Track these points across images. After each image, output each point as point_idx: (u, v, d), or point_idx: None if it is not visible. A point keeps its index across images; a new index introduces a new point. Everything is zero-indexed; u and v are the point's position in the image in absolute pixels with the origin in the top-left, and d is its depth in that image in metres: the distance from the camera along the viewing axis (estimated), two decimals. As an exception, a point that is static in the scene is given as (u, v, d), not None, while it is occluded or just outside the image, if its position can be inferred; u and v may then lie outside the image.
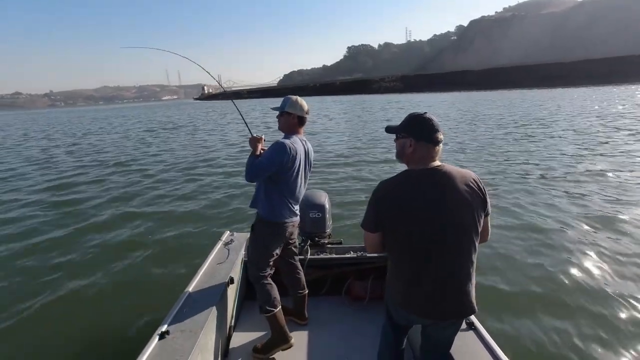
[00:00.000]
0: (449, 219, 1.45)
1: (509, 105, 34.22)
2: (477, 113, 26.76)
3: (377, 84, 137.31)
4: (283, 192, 2.30)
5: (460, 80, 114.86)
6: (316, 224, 3.05)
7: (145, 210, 6.97)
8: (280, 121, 2.36)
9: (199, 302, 2.23)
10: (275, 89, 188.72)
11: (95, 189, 8.61)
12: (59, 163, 12.66)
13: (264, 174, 2.22)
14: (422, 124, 1.54)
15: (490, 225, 1.63)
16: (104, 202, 7.45)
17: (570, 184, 6.90)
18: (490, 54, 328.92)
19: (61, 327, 3.43)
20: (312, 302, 2.89)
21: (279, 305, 2.42)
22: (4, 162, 13.54)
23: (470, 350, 1.84)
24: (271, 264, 2.44)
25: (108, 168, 11.20)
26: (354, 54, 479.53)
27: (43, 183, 9.27)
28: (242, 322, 2.81)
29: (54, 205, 7.46)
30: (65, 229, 5.95)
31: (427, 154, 1.51)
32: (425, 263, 1.48)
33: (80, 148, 16.39)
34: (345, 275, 3.04)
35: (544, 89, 78.25)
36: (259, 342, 2.48)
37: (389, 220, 1.51)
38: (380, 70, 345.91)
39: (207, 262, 2.75)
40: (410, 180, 1.52)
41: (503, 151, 10.98)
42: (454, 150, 11.57)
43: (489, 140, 13.31)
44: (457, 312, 1.54)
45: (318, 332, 2.66)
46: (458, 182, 1.48)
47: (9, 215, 6.85)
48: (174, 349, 1.82)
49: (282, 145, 2.19)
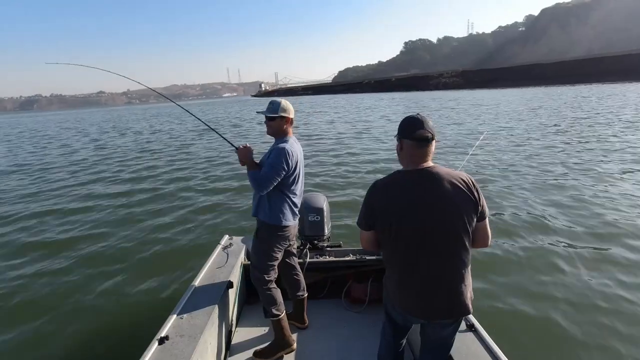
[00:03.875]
0: (435, 220, 1.44)
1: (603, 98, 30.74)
2: (558, 109, 24.02)
3: (435, 79, 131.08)
4: (286, 195, 2.30)
5: (531, 75, 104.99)
6: (315, 227, 3.02)
7: (146, 210, 6.91)
8: (273, 126, 2.31)
9: (198, 307, 2.21)
10: (329, 85, 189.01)
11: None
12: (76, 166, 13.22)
13: (273, 184, 2.20)
14: (407, 123, 1.52)
15: (490, 228, 1.57)
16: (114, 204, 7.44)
17: None
18: (565, 45, 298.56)
19: (60, 334, 3.36)
20: (312, 305, 2.88)
21: (284, 309, 2.41)
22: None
23: (470, 352, 1.81)
24: (275, 268, 2.42)
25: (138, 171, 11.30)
26: (411, 49, 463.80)
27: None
28: (242, 327, 2.76)
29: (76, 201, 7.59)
30: (66, 233, 5.90)
31: (414, 153, 1.49)
32: (414, 263, 1.48)
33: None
34: (345, 278, 2.99)
35: (632, 83, 68.90)
36: (259, 346, 2.45)
37: (378, 219, 1.52)
38: (438, 65, 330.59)
39: (206, 267, 2.71)
40: (399, 181, 1.51)
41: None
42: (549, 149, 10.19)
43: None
44: (448, 312, 1.52)
45: (318, 336, 2.63)
46: (445, 183, 1.45)
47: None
48: (173, 354, 1.80)
49: (284, 151, 2.20)
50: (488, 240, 1.57)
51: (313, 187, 7.78)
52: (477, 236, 1.54)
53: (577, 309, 3.39)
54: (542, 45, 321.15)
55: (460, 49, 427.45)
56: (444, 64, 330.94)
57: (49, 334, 3.39)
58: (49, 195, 8.69)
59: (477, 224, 1.51)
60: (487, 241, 1.57)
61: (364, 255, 2.95)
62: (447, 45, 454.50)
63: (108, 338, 3.24)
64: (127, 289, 4.07)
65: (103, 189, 9.06)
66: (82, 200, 8.03)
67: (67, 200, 8.18)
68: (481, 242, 1.56)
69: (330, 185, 8.30)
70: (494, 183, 7.72)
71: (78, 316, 3.63)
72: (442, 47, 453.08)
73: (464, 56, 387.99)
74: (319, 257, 3.00)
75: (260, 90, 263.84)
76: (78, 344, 3.20)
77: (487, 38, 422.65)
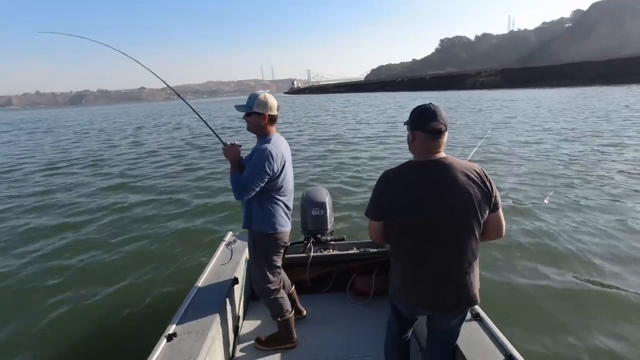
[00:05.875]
0: (445, 213, 1.43)
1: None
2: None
3: (472, 78, 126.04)
4: (277, 198, 2.18)
5: (579, 74, 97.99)
6: (318, 221, 3.02)
7: (150, 208, 6.89)
8: (250, 122, 2.17)
9: (204, 303, 2.22)
10: (362, 83, 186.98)
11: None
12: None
13: (255, 189, 2.05)
14: (419, 114, 1.48)
15: (504, 219, 1.55)
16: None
17: None
18: (616, 42, 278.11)
19: (69, 331, 3.36)
20: (317, 299, 2.98)
21: (290, 311, 2.41)
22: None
23: (476, 341, 1.81)
24: (279, 274, 2.36)
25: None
26: (447, 46, 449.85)
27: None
28: (248, 322, 2.78)
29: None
30: (66, 232, 5.78)
31: (426, 144, 1.47)
32: (422, 255, 1.49)
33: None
34: (349, 272, 3.01)
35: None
36: (262, 335, 2.49)
37: (387, 210, 1.52)
38: (476, 63, 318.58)
39: (211, 263, 2.72)
40: (409, 172, 1.50)
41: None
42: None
43: None
44: (456, 304, 1.52)
45: (323, 329, 2.63)
46: (459, 174, 1.43)
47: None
48: (182, 350, 1.81)
49: (267, 153, 2.03)
50: (502, 231, 1.55)
51: (340, 184, 7.57)
52: (492, 227, 1.52)
53: (582, 299, 3.43)
54: (591, 42, 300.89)
55: (499, 47, 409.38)
56: (481, 63, 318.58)
57: (57, 331, 3.37)
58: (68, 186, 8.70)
59: (491, 214, 1.49)
60: (502, 232, 1.55)
61: (368, 248, 2.96)
62: (485, 43, 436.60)
63: (116, 336, 3.23)
64: (134, 286, 4.07)
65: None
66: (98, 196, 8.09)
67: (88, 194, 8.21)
68: (495, 233, 1.54)
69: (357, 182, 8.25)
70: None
71: (85, 314, 3.61)
72: (480, 45, 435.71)
73: (504, 54, 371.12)
74: (323, 251, 3.00)
75: (292, 87, 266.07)
76: (86, 343, 3.19)
77: (529, 35, 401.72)
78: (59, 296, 3.95)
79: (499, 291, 3.58)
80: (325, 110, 38.15)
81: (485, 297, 1.65)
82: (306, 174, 9.37)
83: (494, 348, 1.75)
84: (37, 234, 5.85)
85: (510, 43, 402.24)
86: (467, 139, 13.64)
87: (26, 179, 10.44)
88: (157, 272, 4.38)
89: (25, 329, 3.44)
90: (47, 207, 7.35)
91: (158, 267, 4.51)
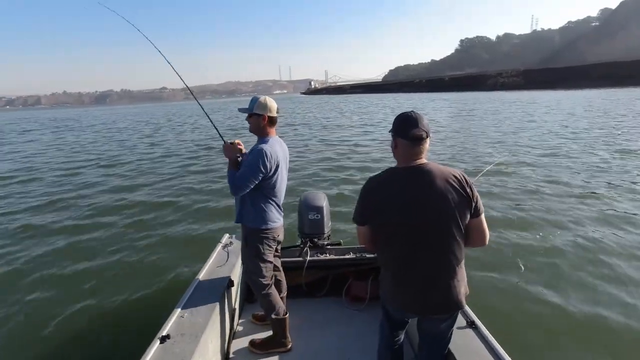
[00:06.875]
0: (428, 217, 1.46)
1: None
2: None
3: (493, 79, 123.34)
4: (269, 197, 2.27)
5: (606, 74, 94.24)
6: (315, 225, 3.03)
7: (148, 209, 6.86)
8: (251, 123, 2.28)
9: (199, 305, 2.20)
10: (380, 84, 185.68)
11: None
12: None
13: (250, 186, 2.15)
14: (400, 122, 1.53)
15: (487, 225, 1.55)
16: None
17: None
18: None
19: (61, 332, 3.33)
20: (312, 303, 2.97)
21: (284, 311, 2.42)
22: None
23: (471, 349, 1.79)
24: (271, 270, 2.42)
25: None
26: (467, 46, 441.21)
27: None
28: (243, 325, 2.76)
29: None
30: (66, 235, 5.73)
31: (408, 151, 1.51)
32: (408, 260, 1.51)
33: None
34: (345, 276, 3.00)
35: None
36: (257, 337, 2.50)
37: (372, 216, 1.56)
38: (496, 64, 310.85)
39: (207, 265, 2.71)
40: (391, 178, 1.54)
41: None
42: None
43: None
44: (443, 307, 1.57)
45: (318, 333, 2.62)
46: (438, 180, 1.46)
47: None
48: (174, 353, 1.79)
49: (262, 152, 2.13)
50: (486, 238, 1.54)
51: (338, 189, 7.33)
52: (474, 234, 1.52)
53: (578, 305, 3.40)
54: (618, 42, 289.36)
55: (522, 47, 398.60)
56: (503, 63, 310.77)
57: (49, 332, 3.34)
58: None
59: (472, 220, 1.50)
60: (485, 239, 1.54)
61: (364, 253, 2.94)
62: (507, 43, 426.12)
63: (109, 337, 3.22)
64: (127, 288, 4.04)
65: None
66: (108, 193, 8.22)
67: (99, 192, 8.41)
68: (479, 241, 1.54)
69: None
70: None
71: (79, 315, 3.60)
72: (501, 45, 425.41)
73: (526, 54, 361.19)
74: (319, 255, 2.99)
75: (309, 87, 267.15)
76: (79, 343, 3.19)
77: (553, 35, 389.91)
78: (51, 298, 3.90)
79: (496, 300, 3.52)
80: (341, 111, 37.87)
81: (481, 306, 1.67)
82: (306, 176, 9.23)
83: (489, 357, 1.74)
84: (37, 233, 5.87)
85: (533, 43, 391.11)
86: (481, 148, 12.93)
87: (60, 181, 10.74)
88: (153, 273, 4.35)
89: (16, 329, 3.41)
90: (68, 206, 7.55)
91: (154, 268, 4.48)
